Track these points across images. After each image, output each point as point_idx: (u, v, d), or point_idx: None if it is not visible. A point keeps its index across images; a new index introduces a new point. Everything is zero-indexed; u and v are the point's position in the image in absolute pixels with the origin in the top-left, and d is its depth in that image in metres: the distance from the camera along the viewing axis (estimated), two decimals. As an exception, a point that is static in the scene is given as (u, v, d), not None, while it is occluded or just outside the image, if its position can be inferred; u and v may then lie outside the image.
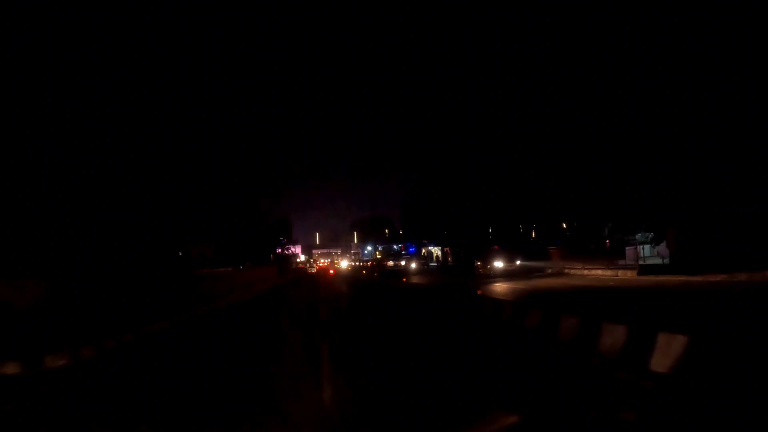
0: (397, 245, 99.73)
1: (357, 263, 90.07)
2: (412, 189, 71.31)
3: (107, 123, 21.56)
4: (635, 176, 24.47)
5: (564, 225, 47.29)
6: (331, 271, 71.12)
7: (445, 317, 13.65)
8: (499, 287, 23.12)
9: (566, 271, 33.39)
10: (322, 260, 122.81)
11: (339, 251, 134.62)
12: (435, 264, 63.24)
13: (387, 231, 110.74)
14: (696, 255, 23.55)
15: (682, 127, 22.70)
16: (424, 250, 77.56)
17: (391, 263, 69.06)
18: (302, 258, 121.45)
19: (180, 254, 34.18)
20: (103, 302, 12.96)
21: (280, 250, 75.69)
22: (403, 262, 63.17)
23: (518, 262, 41.13)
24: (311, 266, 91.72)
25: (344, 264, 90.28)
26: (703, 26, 21.30)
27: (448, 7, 30.59)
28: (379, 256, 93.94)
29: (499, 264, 38.13)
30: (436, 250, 75.99)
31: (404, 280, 34.76)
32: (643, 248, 31.52)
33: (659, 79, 22.73)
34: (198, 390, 6.91)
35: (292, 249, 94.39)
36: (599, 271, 29.44)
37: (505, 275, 34.01)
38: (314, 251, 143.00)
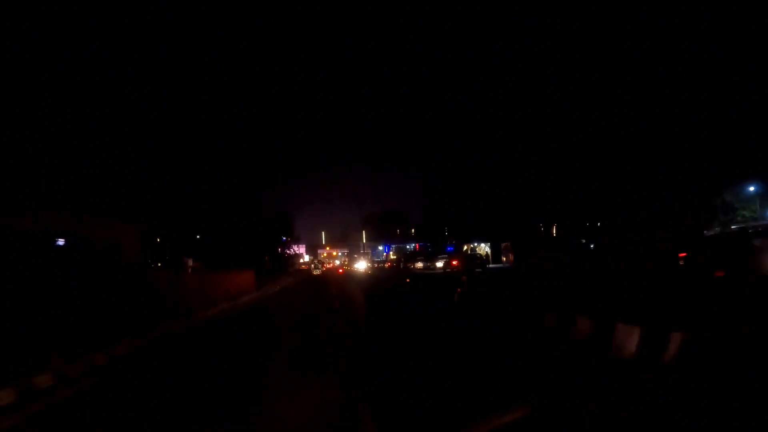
0: (410, 244, 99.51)
1: (388, 263, 79.41)
2: (436, 183, 66.18)
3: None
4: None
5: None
6: (341, 271, 74.27)
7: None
8: None
9: None
10: (330, 260, 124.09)
11: (347, 251, 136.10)
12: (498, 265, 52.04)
13: (398, 230, 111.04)
14: None
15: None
16: (466, 247, 68.02)
17: (420, 264, 58.59)
18: (306, 258, 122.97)
19: (60, 241, 21.21)
20: None
21: (281, 250, 71.34)
22: (439, 264, 53.70)
23: None
24: (317, 267, 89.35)
25: (362, 265, 78.29)
26: (702, 26, 22.85)
27: (448, 7, 32.36)
28: (393, 256, 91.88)
29: None
30: (484, 248, 66.62)
31: None
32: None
33: (659, 79, 24.27)
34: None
35: (295, 248, 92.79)
36: None
37: None
38: (319, 251, 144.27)
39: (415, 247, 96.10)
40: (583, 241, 42.78)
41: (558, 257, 37.22)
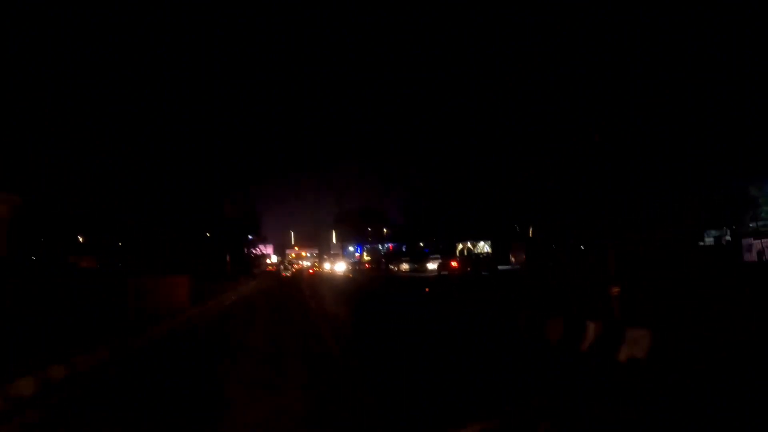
0: (384, 245, 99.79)
1: (366, 264, 75.78)
2: (419, 181, 65.37)
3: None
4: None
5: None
6: (311, 271, 75.98)
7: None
8: None
9: None
10: (298, 261, 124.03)
11: (317, 251, 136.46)
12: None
13: (370, 229, 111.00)
14: None
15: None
16: (461, 245, 64.05)
17: (405, 266, 53.89)
18: (274, 259, 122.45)
19: None
20: None
21: (246, 250, 66.81)
22: (431, 265, 47.38)
23: None
24: (286, 268, 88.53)
25: (340, 267, 74.08)
26: (703, 26, 24.11)
27: (448, 7, 33.09)
28: (367, 257, 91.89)
29: None
30: (483, 247, 63.17)
31: None
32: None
33: (659, 79, 25.46)
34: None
35: (262, 248, 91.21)
36: None
37: None
38: (288, 251, 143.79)
39: (388, 247, 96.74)
40: (582, 247, 43.06)
41: (582, 257, 36.82)
